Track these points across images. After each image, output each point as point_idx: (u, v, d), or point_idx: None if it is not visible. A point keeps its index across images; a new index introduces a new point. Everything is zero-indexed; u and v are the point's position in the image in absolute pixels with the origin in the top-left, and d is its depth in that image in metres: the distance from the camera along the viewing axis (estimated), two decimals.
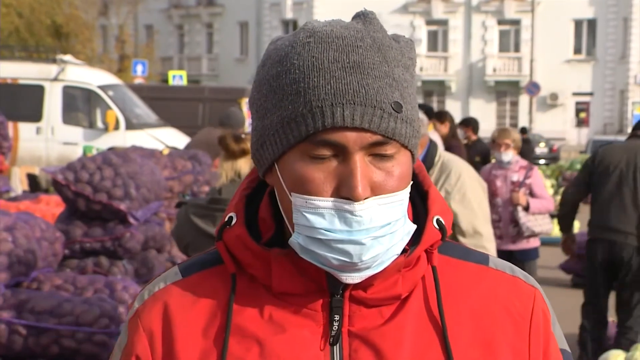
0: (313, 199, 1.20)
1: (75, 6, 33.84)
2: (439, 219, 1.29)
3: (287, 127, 1.21)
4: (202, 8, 54.56)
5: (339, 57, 1.20)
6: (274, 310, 1.26)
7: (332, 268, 1.21)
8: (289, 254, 1.25)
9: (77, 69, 16.35)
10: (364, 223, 1.18)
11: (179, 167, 7.79)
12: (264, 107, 1.24)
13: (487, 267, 1.34)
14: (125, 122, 15.41)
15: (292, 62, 1.21)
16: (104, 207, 5.41)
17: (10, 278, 4.34)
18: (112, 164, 5.53)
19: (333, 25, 1.23)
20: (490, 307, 1.30)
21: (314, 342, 1.25)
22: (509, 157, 7.29)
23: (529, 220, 7.11)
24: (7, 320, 4.20)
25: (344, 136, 1.18)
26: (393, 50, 1.23)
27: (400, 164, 1.22)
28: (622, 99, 47.28)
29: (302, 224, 1.21)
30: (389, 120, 1.19)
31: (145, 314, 1.31)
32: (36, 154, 15.17)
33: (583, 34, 48.64)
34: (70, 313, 4.25)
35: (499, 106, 49.39)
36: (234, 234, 1.29)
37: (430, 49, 49.97)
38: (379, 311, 1.26)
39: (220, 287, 1.30)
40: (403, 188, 1.22)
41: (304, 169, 1.20)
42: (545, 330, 1.32)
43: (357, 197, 1.17)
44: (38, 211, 6.48)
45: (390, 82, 1.21)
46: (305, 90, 1.19)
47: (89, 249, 5.48)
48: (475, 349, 1.27)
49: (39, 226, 4.70)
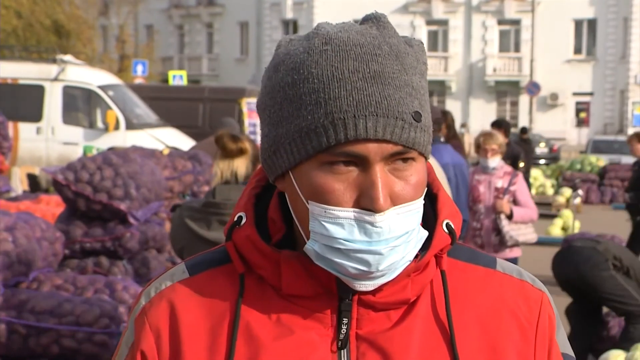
0: (333, 209, 1.19)
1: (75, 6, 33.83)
2: (448, 223, 1.29)
3: (306, 137, 1.19)
4: (203, 8, 54.54)
5: (359, 67, 1.18)
6: (282, 312, 1.26)
7: (347, 276, 1.21)
8: (298, 256, 1.25)
9: (77, 69, 16.35)
10: (383, 234, 1.18)
11: (179, 167, 7.79)
12: (279, 114, 1.23)
13: (494, 270, 1.34)
14: (125, 122, 15.41)
15: (309, 71, 1.19)
16: (104, 207, 5.41)
17: (11, 278, 4.34)
18: (113, 164, 5.53)
19: (348, 31, 1.22)
20: (497, 311, 1.30)
21: (322, 345, 1.25)
22: (496, 162, 6.93)
23: (513, 229, 6.82)
24: (7, 320, 4.21)
25: (366, 147, 1.18)
26: (409, 57, 1.23)
27: (417, 172, 1.22)
28: (623, 99, 47.27)
29: (319, 232, 1.20)
30: (409, 131, 1.19)
31: (152, 312, 1.30)
32: (36, 154, 15.17)
33: (583, 34, 48.62)
34: (71, 313, 4.25)
35: (499, 106, 49.38)
36: (243, 234, 1.28)
37: (431, 49, 49.93)
38: (387, 315, 1.26)
39: (228, 287, 1.29)
40: (420, 196, 1.22)
41: (324, 179, 1.19)
42: (550, 334, 1.32)
43: (379, 208, 1.17)
44: (38, 211, 6.48)
45: (410, 91, 1.20)
46: (326, 101, 1.18)
47: (89, 248, 5.48)
48: (482, 353, 1.27)
49: (39, 226, 4.70)
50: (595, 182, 21.88)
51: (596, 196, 21.57)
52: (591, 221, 15.41)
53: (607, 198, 21.61)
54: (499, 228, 6.79)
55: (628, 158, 24.24)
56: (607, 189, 21.81)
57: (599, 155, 24.83)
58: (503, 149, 6.99)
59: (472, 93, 49.23)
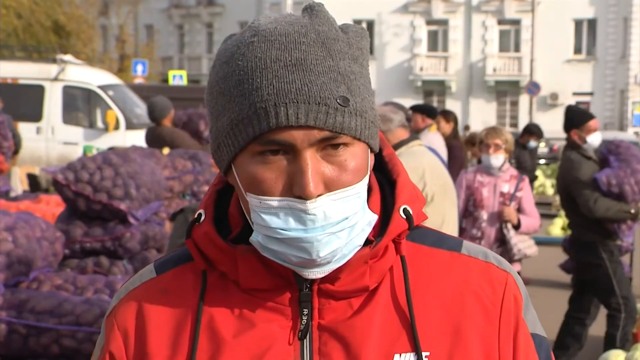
0: (266, 199, 1.20)
1: (75, 6, 33.81)
2: (406, 208, 1.29)
3: (236, 129, 1.21)
4: (203, 8, 54.53)
5: (281, 55, 1.19)
6: (244, 306, 1.27)
7: (292, 265, 1.21)
8: (254, 250, 1.25)
9: (77, 68, 16.35)
10: (317, 221, 1.18)
11: (179, 166, 7.79)
12: (216, 109, 1.24)
13: (459, 253, 1.33)
14: (125, 122, 15.41)
15: (237, 63, 1.21)
16: (104, 207, 5.41)
17: (10, 278, 4.34)
18: (113, 164, 5.53)
19: (278, 22, 1.22)
20: (461, 295, 1.29)
21: (283, 337, 1.25)
22: (500, 160, 6.13)
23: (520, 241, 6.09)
24: (7, 320, 4.20)
25: (291, 135, 1.18)
26: (339, 42, 1.22)
27: (354, 156, 1.21)
28: (622, 99, 47.26)
29: (259, 223, 1.21)
30: (335, 115, 1.18)
31: (120, 312, 1.32)
32: (36, 153, 15.17)
33: (583, 34, 48.61)
34: (71, 313, 4.25)
35: (499, 106, 49.36)
36: (202, 231, 1.29)
37: (431, 48, 49.93)
38: (349, 303, 1.27)
39: (192, 284, 1.31)
40: (359, 181, 1.22)
41: (256, 169, 1.20)
42: (516, 315, 1.31)
43: (309, 195, 1.17)
44: (38, 211, 6.48)
45: (335, 76, 1.19)
46: (250, 92, 1.19)
47: (89, 248, 5.47)
48: (444, 337, 1.27)
49: (39, 226, 4.70)
50: None
51: None
52: None
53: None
54: (504, 239, 6.05)
55: None
56: None
57: None
58: (509, 146, 6.23)
59: (472, 93, 49.20)
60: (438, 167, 4.80)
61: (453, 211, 4.83)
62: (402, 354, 1.25)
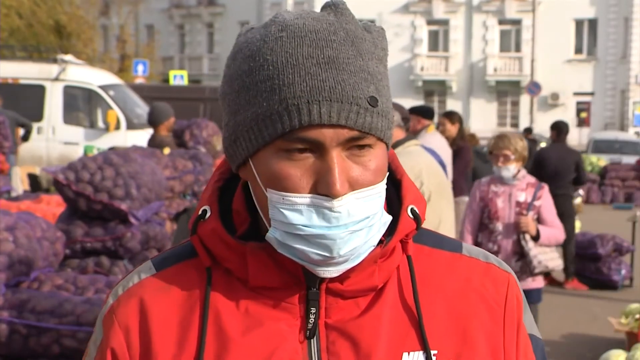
0: (290, 195, 1.19)
1: (76, 6, 33.83)
2: (413, 208, 1.29)
3: (262, 124, 1.19)
4: (203, 8, 54.54)
5: (313, 53, 1.18)
6: (250, 304, 1.26)
7: (309, 263, 1.21)
8: (265, 247, 1.24)
9: (78, 68, 16.36)
10: (342, 218, 1.18)
11: (179, 166, 7.79)
12: (237, 103, 1.23)
13: (460, 254, 1.34)
14: (126, 122, 15.41)
15: (265, 58, 1.19)
16: (105, 206, 5.41)
17: (11, 278, 4.34)
18: (113, 164, 5.53)
19: (305, 18, 1.21)
20: (464, 295, 1.30)
21: (291, 335, 1.25)
22: (511, 171, 5.70)
23: (541, 253, 5.65)
24: (8, 320, 4.20)
25: (321, 133, 1.17)
26: (366, 42, 1.22)
27: (376, 157, 1.21)
28: (623, 99, 47.25)
29: (279, 219, 1.20)
30: (365, 116, 1.18)
31: (120, 309, 1.29)
32: (37, 153, 15.18)
33: (584, 34, 48.61)
34: (71, 313, 4.25)
35: (500, 106, 49.36)
36: (208, 228, 1.28)
37: (431, 48, 49.93)
38: (356, 302, 1.26)
39: (196, 281, 1.29)
40: (380, 181, 1.22)
41: (280, 166, 1.19)
42: (518, 315, 1.32)
43: (336, 194, 1.17)
44: (39, 211, 6.48)
45: (366, 76, 1.20)
46: (280, 87, 1.18)
47: (90, 248, 5.47)
48: (451, 337, 1.27)
49: (39, 226, 4.70)
50: (596, 182, 21.89)
51: (597, 196, 21.57)
52: (592, 221, 15.40)
53: (608, 198, 21.62)
54: (522, 251, 5.65)
55: (629, 158, 24.26)
56: (608, 188, 21.81)
57: (600, 155, 24.81)
58: (522, 153, 5.74)
59: (472, 93, 49.20)
60: (434, 166, 4.84)
61: (450, 211, 4.86)
62: (411, 353, 1.25)
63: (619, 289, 10.42)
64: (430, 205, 4.65)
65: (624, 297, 9.67)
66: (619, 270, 10.49)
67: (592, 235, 10.92)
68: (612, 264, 10.52)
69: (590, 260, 10.65)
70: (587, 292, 10.30)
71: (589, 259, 10.68)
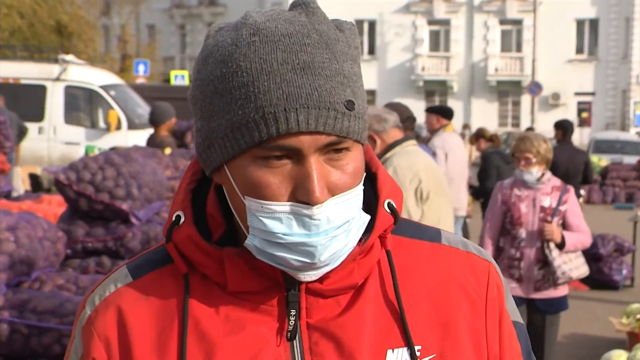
0: (269, 204, 1.17)
1: (77, 6, 33.84)
2: (390, 202, 1.27)
3: (238, 132, 1.17)
4: (204, 8, 54.56)
5: (287, 58, 1.16)
6: (230, 309, 1.25)
7: (290, 268, 1.19)
8: (241, 252, 1.23)
9: (79, 68, 16.36)
10: (322, 225, 1.17)
11: (180, 167, 7.79)
12: (210, 109, 1.20)
13: (440, 244, 1.33)
14: (127, 122, 15.42)
15: (237, 64, 1.17)
16: (106, 206, 5.41)
17: (12, 278, 4.34)
18: (114, 164, 5.54)
19: (277, 20, 1.19)
20: (446, 286, 1.29)
21: (273, 338, 1.24)
22: (534, 175, 5.40)
23: (565, 262, 5.39)
24: (9, 320, 4.21)
25: (299, 140, 1.16)
26: (340, 43, 1.20)
27: (354, 159, 1.20)
28: (624, 99, 47.23)
29: (257, 227, 1.18)
30: (342, 120, 1.17)
31: (98, 320, 1.28)
32: (38, 153, 15.18)
33: (585, 34, 48.59)
34: (73, 313, 4.25)
35: (501, 106, 49.35)
36: (184, 234, 1.26)
37: (432, 48, 49.92)
38: (336, 300, 1.25)
39: (173, 288, 1.27)
40: (358, 183, 1.21)
41: (258, 174, 1.17)
42: (500, 304, 1.32)
43: (316, 201, 1.16)
44: (40, 211, 6.49)
45: (342, 79, 1.18)
46: (256, 95, 1.15)
47: (91, 248, 5.48)
48: (434, 330, 1.26)
49: (41, 226, 4.70)
50: (597, 182, 21.88)
51: (598, 196, 21.56)
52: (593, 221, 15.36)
53: (609, 198, 21.61)
54: (546, 260, 5.37)
55: (630, 158, 24.25)
56: (609, 188, 21.81)
57: (601, 155, 24.80)
58: (544, 157, 5.43)
59: (473, 93, 49.19)
60: (432, 165, 4.88)
61: (449, 209, 4.89)
62: (395, 349, 1.24)
63: (620, 289, 10.42)
64: (429, 203, 4.69)
65: (625, 297, 9.68)
66: (620, 270, 10.49)
67: (593, 236, 10.91)
68: (613, 264, 10.53)
69: (591, 260, 10.63)
70: (588, 292, 10.29)
71: (590, 259, 10.64)
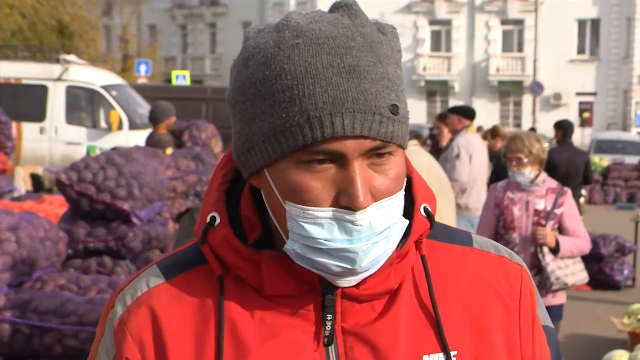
0: (311, 209, 1.15)
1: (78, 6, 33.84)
2: (426, 206, 1.26)
3: (281, 135, 1.15)
4: (206, 8, 54.55)
5: (332, 61, 1.14)
6: (265, 312, 1.23)
7: (329, 274, 1.18)
8: (278, 256, 1.21)
9: (80, 68, 16.36)
10: (363, 231, 1.15)
11: (182, 167, 7.79)
12: (251, 111, 1.18)
13: (472, 248, 1.32)
14: (128, 122, 15.41)
15: (281, 67, 1.14)
16: (107, 207, 5.41)
17: (14, 278, 4.34)
18: (116, 164, 5.54)
19: (320, 22, 1.17)
20: (478, 290, 1.28)
21: (308, 343, 1.22)
22: (526, 176, 5.14)
23: (560, 268, 5.13)
24: (11, 320, 4.21)
25: (343, 144, 1.14)
26: (384, 46, 1.19)
27: (396, 164, 1.19)
28: (626, 99, 47.21)
29: (298, 232, 1.16)
30: (387, 125, 1.16)
31: (132, 321, 1.25)
32: (39, 153, 15.18)
33: (586, 34, 48.57)
34: (74, 313, 4.25)
35: (502, 106, 49.33)
36: (219, 236, 1.24)
37: (434, 48, 49.91)
38: (371, 305, 1.24)
39: (207, 290, 1.25)
40: (400, 189, 1.19)
41: (300, 178, 1.15)
42: (532, 309, 1.31)
43: (359, 206, 1.14)
44: (41, 211, 6.49)
45: (386, 83, 1.16)
46: (300, 99, 1.13)
47: (92, 248, 5.48)
48: (469, 335, 1.25)
49: (42, 226, 4.71)
50: (599, 182, 21.86)
51: (599, 196, 21.55)
52: (594, 221, 15.36)
53: (611, 198, 21.60)
54: (540, 265, 5.10)
55: (631, 158, 24.24)
56: (611, 189, 21.80)
57: (602, 155, 24.79)
58: (539, 156, 5.19)
59: (475, 93, 49.18)
60: (434, 165, 4.89)
61: (449, 209, 4.91)
62: (431, 355, 1.23)
63: (621, 289, 10.41)
64: None
65: (627, 298, 9.67)
66: (621, 270, 10.48)
67: (594, 236, 10.89)
68: (614, 264, 10.52)
69: (592, 260, 10.62)
70: (589, 292, 10.28)
71: (591, 260, 10.64)
